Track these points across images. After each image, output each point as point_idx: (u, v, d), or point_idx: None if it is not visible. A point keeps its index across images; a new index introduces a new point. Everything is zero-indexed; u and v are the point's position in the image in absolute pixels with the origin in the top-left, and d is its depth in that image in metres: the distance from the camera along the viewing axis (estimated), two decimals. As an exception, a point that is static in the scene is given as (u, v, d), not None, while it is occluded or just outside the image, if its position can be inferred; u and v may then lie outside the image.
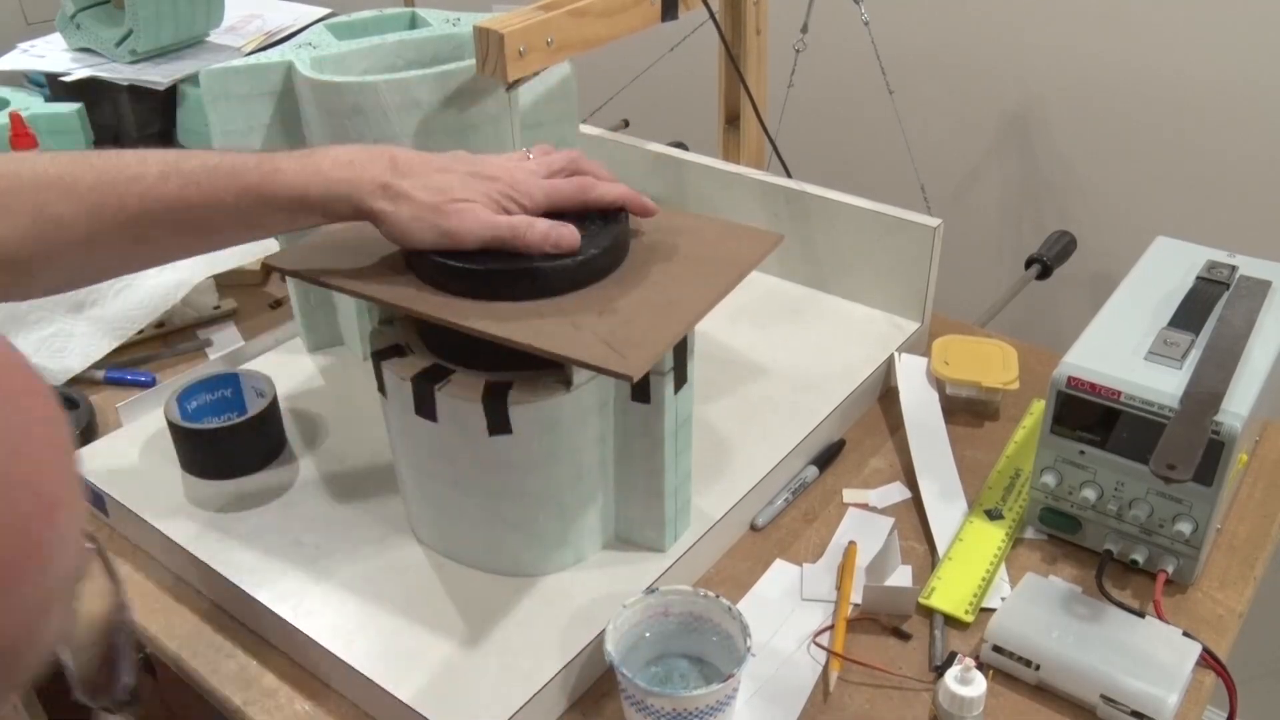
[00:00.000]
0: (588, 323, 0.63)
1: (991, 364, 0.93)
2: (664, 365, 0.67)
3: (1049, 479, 0.77)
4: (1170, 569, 0.74)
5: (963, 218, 1.53)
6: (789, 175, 1.05)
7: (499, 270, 0.64)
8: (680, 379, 0.69)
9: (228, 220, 0.65)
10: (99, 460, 0.85)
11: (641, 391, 0.68)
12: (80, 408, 0.92)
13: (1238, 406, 0.69)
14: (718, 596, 0.67)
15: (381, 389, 0.71)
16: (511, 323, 0.62)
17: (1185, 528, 0.72)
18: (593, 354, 0.59)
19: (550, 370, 0.67)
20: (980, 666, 0.67)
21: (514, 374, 0.67)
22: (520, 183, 0.67)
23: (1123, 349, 0.75)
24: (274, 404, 0.84)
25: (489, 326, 0.62)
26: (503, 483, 0.69)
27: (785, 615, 0.75)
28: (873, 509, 0.84)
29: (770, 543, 0.81)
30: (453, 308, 0.64)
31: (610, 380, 0.68)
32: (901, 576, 0.77)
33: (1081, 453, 0.75)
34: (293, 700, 0.69)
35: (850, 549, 0.79)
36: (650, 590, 0.68)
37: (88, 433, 0.91)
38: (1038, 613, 0.70)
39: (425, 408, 0.67)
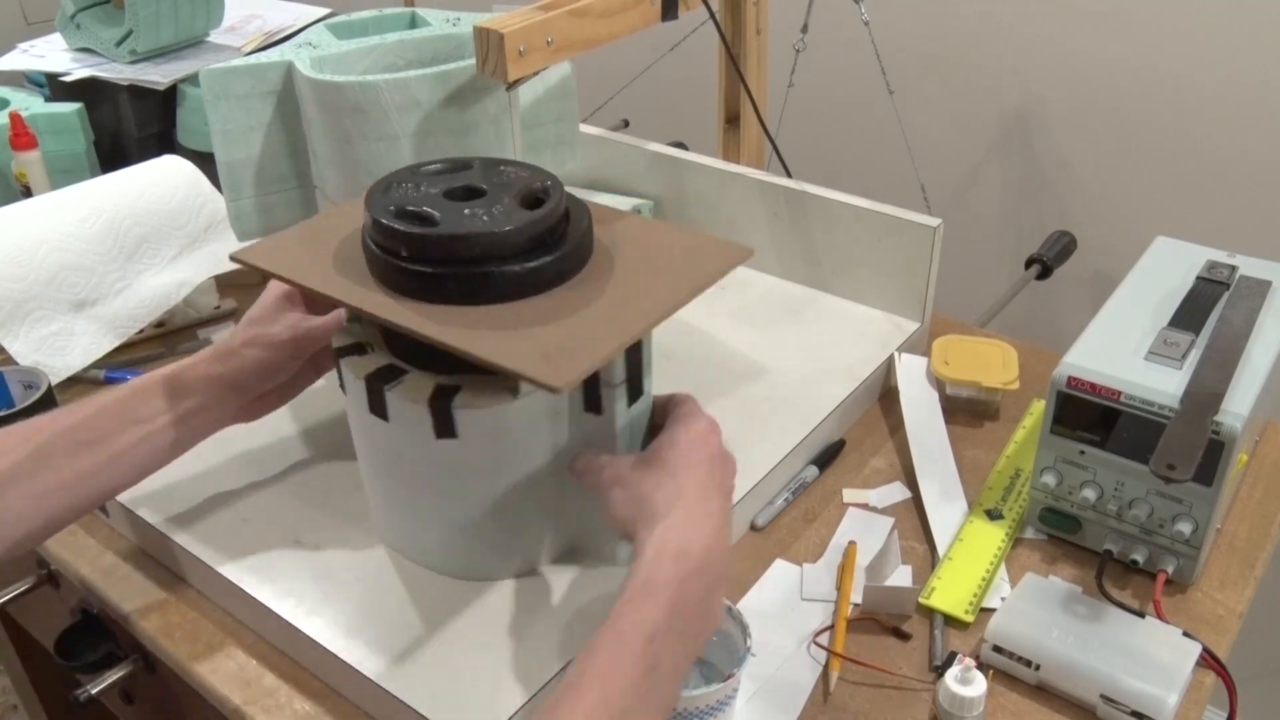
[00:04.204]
0: (534, 330, 0.61)
1: (991, 364, 0.93)
2: (615, 377, 0.65)
3: (1049, 479, 0.77)
4: (1170, 569, 0.74)
5: (963, 218, 1.53)
6: (789, 175, 1.05)
7: (451, 274, 0.63)
8: (634, 392, 0.67)
9: None
10: (99, 460, 0.85)
11: (593, 402, 0.67)
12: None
13: (1238, 406, 0.69)
14: (718, 596, 0.67)
15: (342, 385, 0.70)
16: (452, 326, 0.61)
17: (1185, 528, 0.72)
18: (523, 363, 0.58)
19: (503, 377, 0.65)
20: (980, 666, 0.67)
21: (467, 377, 0.66)
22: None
23: (1123, 349, 0.75)
24: (48, 395, 0.85)
25: (424, 327, 0.61)
26: (450, 486, 0.68)
27: (785, 615, 0.75)
28: (873, 509, 0.84)
29: (770, 543, 0.81)
30: (400, 309, 0.63)
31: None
32: (901, 576, 0.77)
33: (1081, 453, 0.75)
34: (292, 700, 0.69)
35: (850, 549, 0.79)
36: (650, 590, 0.68)
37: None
38: (1038, 613, 0.70)
39: (377, 407, 0.67)
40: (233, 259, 0.69)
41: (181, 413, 0.71)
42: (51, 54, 1.36)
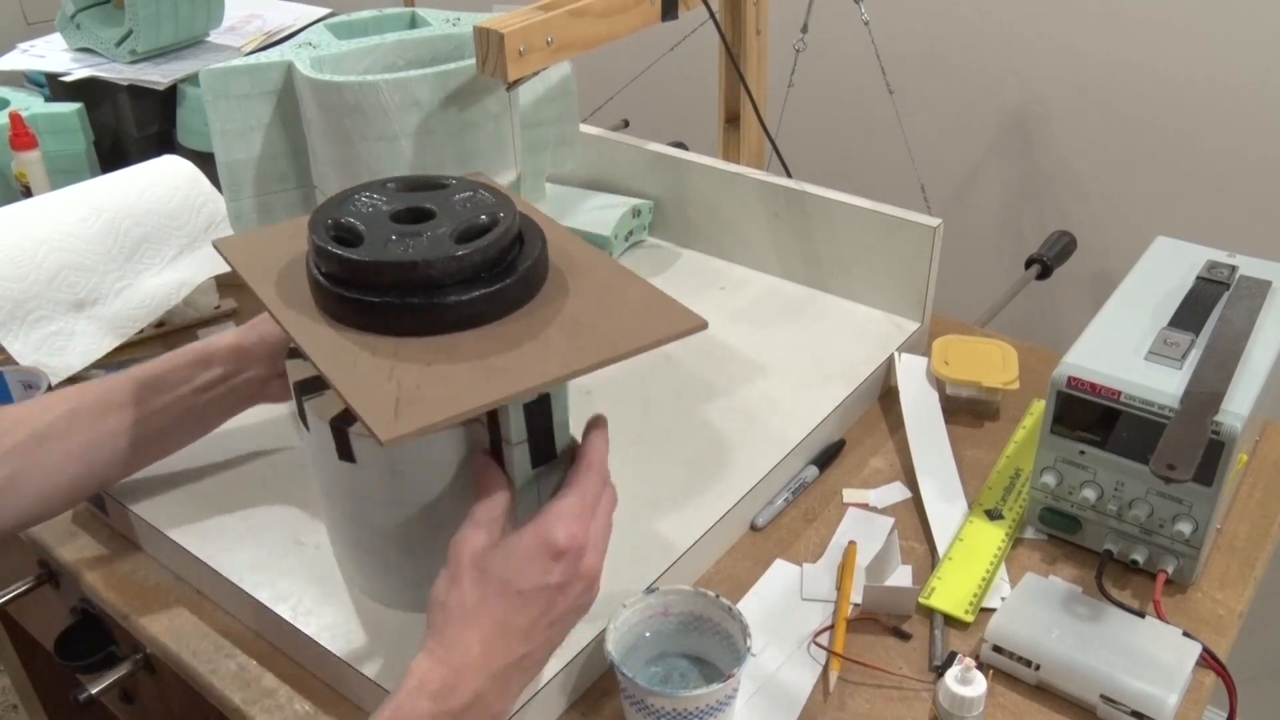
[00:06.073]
0: (422, 369, 0.57)
1: (991, 364, 0.93)
2: (513, 435, 0.60)
3: (1049, 479, 0.77)
4: (1170, 569, 0.74)
5: (963, 218, 1.53)
6: (789, 175, 1.05)
7: (393, 303, 0.60)
8: (541, 454, 0.62)
9: None
10: (99, 460, 0.85)
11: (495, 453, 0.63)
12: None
13: (1238, 406, 0.69)
14: (718, 596, 0.67)
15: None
16: (337, 350, 0.58)
17: (1185, 528, 0.72)
18: (368, 404, 0.55)
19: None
20: (980, 666, 0.67)
21: None
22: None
23: (1123, 349, 0.75)
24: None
25: (302, 339, 0.58)
26: (354, 509, 0.67)
27: (785, 615, 0.75)
28: (873, 509, 0.84)
29: (770, 543, 0.81)
30: (310, 326, 0.60)
31: (479, 435, 0.64)
32: (901, 576, 0.77)
33: (1081, 453, 0.75)
34: (292, 700, 0.69)
35: (850, 549, 0.79)
36: (650, 590, 0.68)
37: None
38: (1038, 613, 0.70)
39: (301, 416, 0.66)
40: (215, 246, 0.68)
41: (205, 381, 0.73)
42: (51, 54, 1.36)
